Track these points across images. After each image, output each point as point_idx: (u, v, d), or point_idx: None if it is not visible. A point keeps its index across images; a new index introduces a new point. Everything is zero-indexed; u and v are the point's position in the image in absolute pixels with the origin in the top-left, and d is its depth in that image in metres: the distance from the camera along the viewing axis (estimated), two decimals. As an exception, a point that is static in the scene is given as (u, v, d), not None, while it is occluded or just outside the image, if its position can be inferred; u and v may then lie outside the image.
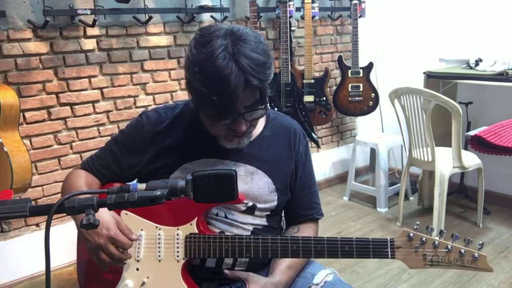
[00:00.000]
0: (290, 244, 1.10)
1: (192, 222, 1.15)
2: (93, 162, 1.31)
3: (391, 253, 1.06)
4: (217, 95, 1.02)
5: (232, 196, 0.88)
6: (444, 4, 3.30)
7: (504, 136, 2.29)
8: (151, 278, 1.16)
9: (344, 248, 1.07)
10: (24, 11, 2.26)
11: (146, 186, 0.86)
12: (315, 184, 1.36)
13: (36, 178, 2.41)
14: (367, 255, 1.07)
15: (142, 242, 1.17)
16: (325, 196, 3.61)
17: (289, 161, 1.29)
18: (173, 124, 1.25)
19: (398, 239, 1.06)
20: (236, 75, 1.01)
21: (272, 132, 1.28)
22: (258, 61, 1.04)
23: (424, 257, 1.04)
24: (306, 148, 1.34)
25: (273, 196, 1.25)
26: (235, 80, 1.01)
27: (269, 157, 1.25)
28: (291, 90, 3.03)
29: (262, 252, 1.11)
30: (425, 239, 1.04)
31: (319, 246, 1.08)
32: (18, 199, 0.82)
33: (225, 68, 1.00)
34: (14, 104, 1.98)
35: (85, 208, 0.80)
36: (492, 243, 2.73)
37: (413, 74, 3.31)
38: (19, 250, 2.41)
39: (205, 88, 1.03)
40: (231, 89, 1.01)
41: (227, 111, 1.06)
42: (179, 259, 1.15)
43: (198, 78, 1.03)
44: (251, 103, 1.08)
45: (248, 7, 2.89)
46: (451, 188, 3.12)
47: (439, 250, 1.04)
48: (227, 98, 1.02)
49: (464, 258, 1.02)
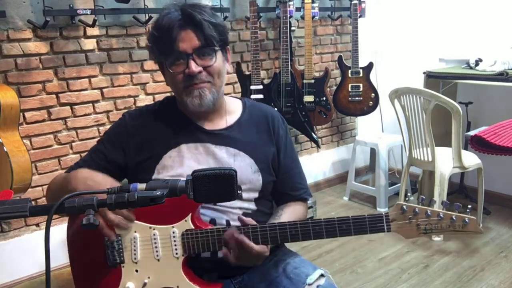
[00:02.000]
0: (289, 229, 1.12)
1: (187, 218, 1.15)
2: (79, 166, 1.30)
3: (387, 227, 1.10)
4: (157, 30, 1.21)
5: (232, 196, 0.88)
6: (444, 4, 3.30)
7: (504, 136, 2.29)
8: (152, 278, 1.16)
9: (341, 227, 1.10)
10: (24, 11, 2.26)
11: (146, 186, 0.86)
12: (298, 166, 1.42)
13: (36, 178, 2.41)
14: (364, 231, 1.10)
15: (137, 243, 1.16)
16: (325, 196, 3.62)
17: (269, 143, 1.34)
18: (154, 116, 1.33)
19: (392, 213, 1.10)
20: (175, 13, 1.20)
21: (250, 117, 1.36)
22: (202, 6, 1.23)
23: (418, 226, 1.09)
24: (286, 132, 1.40)
25: (257, 176, 1.29)
26: (173, 15, 1.19)
27: (249, 139, 1.31)
28: (291, 90, 3.03)
29: (262, 239, 1.12)
30: (417, 209, 1.09)
31: (317, 228, 1.11)
32: (18, 199, 0.82)
33: (168, 11, 1.21)
34: (14, 104, 1.97)
35: (85, 208, 0.80)
36: (492, 243, 2.73)
37: (413, 74, 3.31)
38: (19, 250, 2.41)
39: (152, 30, 1.23)
40: (169, 23, 1.18)
41: (170, 46, 1.18)
42: (178, 256, 1.15)
43: (150, 31, 1.25)
44: (198, 46, 1.19)
45: (248, 7, 2.89)
46: (451, 188, 3.12)
47: (431, 219, 1.08)
48: (165, 32, 1.18)
49: (456, 224, 1.07)
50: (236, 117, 1.35)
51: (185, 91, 1.23)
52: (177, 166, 1.26)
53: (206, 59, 1.22)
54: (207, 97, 1.23)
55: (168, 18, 1.19)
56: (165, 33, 1.19)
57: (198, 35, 1.19)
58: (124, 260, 1.17)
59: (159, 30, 1.21)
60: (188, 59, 1.19)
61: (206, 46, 1.20)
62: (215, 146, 1.28)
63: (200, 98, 1.23)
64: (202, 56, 1.21)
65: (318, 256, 2.70)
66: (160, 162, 1.27)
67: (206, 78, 1.22)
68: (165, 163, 1.26)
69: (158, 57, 1.26)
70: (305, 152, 3.67)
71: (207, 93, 1.23)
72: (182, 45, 1.19)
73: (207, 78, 1.23)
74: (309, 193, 1.41)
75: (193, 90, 1.22)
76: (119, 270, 1.17)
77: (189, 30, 1.19)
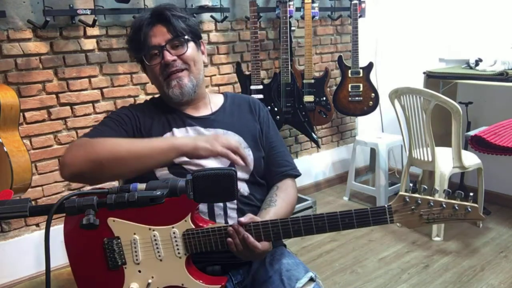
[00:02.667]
0: (291, 225, 1.12)
1: (187, 218, 1.14)
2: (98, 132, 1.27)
3: (390, 218, 1.10)
4: (132, 32, 1.33)
5: (232, 196, 0.88)
6: (444, 4, 3.30)
7: (504, 136, 2.29)
8: (156, 277, 1.15)
9: (344, 220, 1.10)
10: (24, 11, 2.26)
11: (146, 186, 0.86)
12: (284, 145, 1.47)
13: (36, 178, 2.41)
14: (367, 224, 1.10)
15: (138, 245, 1.15)
16: (325, 196, 3.62)
17: (254, 122, 1.43)
18: (147, 109, 1.40)
19: (395, 204, 1.10)
20: (146, 14, 1.32)
21: (232, 103, 1.46)
22: (171, 4, 1.35)
23: (420, 216, 1.09)
24: (268, 115, 1.48)
25: (248, 151, 1.34)
26: (144, 16, 1.32)
27: (234, 120, 1.40)
28: (291, 90, 3.03)
29: (265, 236, 1.13)
30: (420, 200, 1.09)
31: (320, 223, 1.11)
32: (18, 199, 0.82)
33: (140, 14, 1.38)
34: (14, 104, 1.97)
35: (85, 208, 0.80)
36: (492, 243, 2.73)
37: (413, 74, 3.31)
38: (19, 250, 2.41)
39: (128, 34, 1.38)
40: (140, 23, 1.31)
41: (144, 43, 1.29)
42: (181, 255, 1.15)
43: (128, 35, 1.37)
44: (170, 38, 1.30)
45: (248, 7, 2.89)
46: (451, 188, 3.09)
47: (434, 209, 1.08)
48: (138, 31, 1.30)
49: (458, 212, 1.08)
50: (219, 104, 1.44)
51: (165, 83, 1.32)
52: None
53: (179, 49, 1.32)
54: (186, 85, 1.32)
55: (139, 19, 1.33)
56: (138, 32, 1.30)
57: (168, 28, 1.30)
58: (126, 261, 1.16)
59: (133, 31, 1.33)
60: (163, 50, 1.29)
61: (177, 37, 1.31)
62: (204, 129, 1.35)
63: (180, 87, 1.32)
64: (175, 47, 1.32)
65: (318, 256, 2.70)
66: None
67: (182, 66, 1.32)
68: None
69: (136, 56, 1.36)
70: (305, 152, 3.67)
71: (185, 81, 1.32)
72: (155, 39, 1.30)
73: (182, 65, 1.32)
74: (297, 170, 1.45)
75: (171, 80, 1.31)
76: (122, 271, 1.17)
77: (159, 25, 1.30)
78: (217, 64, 3.02)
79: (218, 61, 3.02)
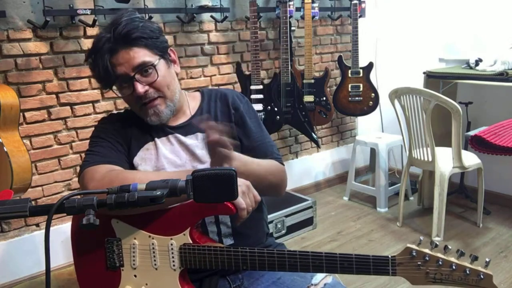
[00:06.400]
0: (288, 258, 1.07)
1: (185, 232, 1.12)
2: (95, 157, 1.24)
3: (392, 271, 1.04)
4: (94, 59, 1.21)
5: (232, 196, 0.87)
6: (444, 4, 3.30)
7: (504, 136, 2.29)
8: (150, 285, 1.15)
9: (343, 264, 1.06)
10: (24, 11, 2.26)
11: (146, 186, 0.86)
12: (268, 137, 1.40)
13: (36, 178, 2.41)
14: (367, 272, 1.06)
15: (136, 251, 1.15)
16: (325, 196, 3.61)
17: (229, 118, 1.36)
18: (127, 120, 1.34)
19: (399, 257, 1.03)
20: (106, 36, 1.19)
21: (209, 100, 1.39)
22: (132, 19, 1.20)
23: (427, 274, 1.01)
24: (248, 105, 1.41)
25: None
26: (104, 38, 1.19)
27: (212, 119, 1.34)
28: (291, 90, 3.03)
29: (259, 264, 1.09)
30: (428, 257, 1.00)
31: (318, 262, 1.06)
32: (18, 199, 0.82)
33: (100, 35, 1.20)
34: (14, 104, 1.97)
35: (85, 208, 0.80)
36: (492, 243, 2.73)
37: (413, 74, 3.31)
38: (19, 250, 2.41)
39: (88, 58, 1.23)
40: (101, 49, 1.19)
41: (110, 73, 1.19)
42: (176, 268, 1.13)
43: (88, 59, 1.24)
44: (137, 64, 1.19)
45: (248, 7, 2.89)
46: (451, 188, 3.12)
47: (443, 269, 0.99)
48: (101, 60, 1.18)
49: (469, 277, 0.98)
50: (197, 106, 1.38)
51: (142, 110, 1.26)
52: (154, 159, 1.29)
53: (149, 75, 1.22)
54: (163, 112, 1.26)
55: (100, 43, 1.19)
56: (101, 61, 1.19)
57: (134, 54, 1.19)
58: (124, 264, 1.17)
59: (95, 58, 1.21)
60: (132, 81, 1.20)
61: (144, 65, 1.20)
62: (185, 137, 1.31)
63: (157, 116, 1.26)
64: (144, 72, 1.21)
65: (318, 256, 2.70)
66: (138, 154, 1.29)
67: (155, 94, 1.24)
68: (143, 155, 1.29)
69: (105, 87, 1.26)
70: (305, 152, 3.67)
71: (162, 109, 1.26)
72: (121, 68, 1.19)
73: (156, 93, 1.24)
74: (281, 160, 1.39)
75: (148, 109, 1.25)
76: (119, 273, 1.17)
77: (123, 51, 1.19)
78: (217, 64, 3.02)
79: (218, 61, 3.02)
